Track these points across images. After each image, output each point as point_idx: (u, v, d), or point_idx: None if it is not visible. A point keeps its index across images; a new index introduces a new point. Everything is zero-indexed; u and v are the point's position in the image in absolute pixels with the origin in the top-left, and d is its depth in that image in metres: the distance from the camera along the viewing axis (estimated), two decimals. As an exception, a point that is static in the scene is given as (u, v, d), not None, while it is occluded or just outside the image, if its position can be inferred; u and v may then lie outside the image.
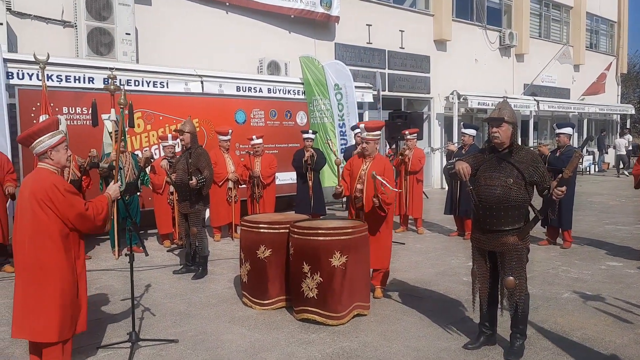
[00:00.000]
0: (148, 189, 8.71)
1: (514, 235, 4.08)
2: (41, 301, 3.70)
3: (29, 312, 3.71)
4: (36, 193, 3.71)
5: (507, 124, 4.13)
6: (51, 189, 3.70)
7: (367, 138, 5.81)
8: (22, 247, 3.75)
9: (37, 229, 3.70)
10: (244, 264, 5.59)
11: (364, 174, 5.71)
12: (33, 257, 3.70)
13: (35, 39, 9.36)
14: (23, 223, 3.75)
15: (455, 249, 8.35)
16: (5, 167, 7.05)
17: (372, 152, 5.80)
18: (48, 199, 3.68)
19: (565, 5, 22.81)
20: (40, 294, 3.70)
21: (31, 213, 3.70)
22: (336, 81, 11.89)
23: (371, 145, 5.78)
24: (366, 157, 5.82)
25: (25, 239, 3.73)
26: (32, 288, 3.71)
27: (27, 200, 3.72)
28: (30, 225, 3.71)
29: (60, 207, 3.70)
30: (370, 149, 5.78)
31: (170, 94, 10.01)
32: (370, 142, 5.79)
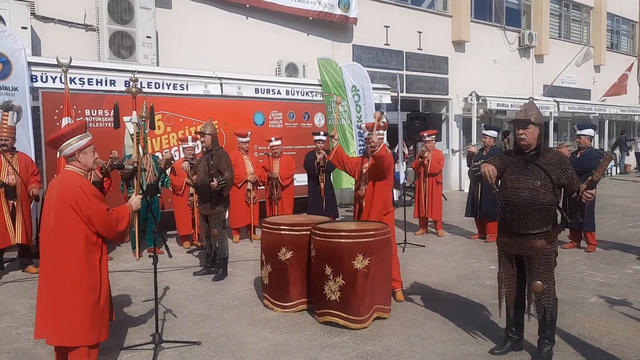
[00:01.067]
0: (168, 190, 8.76)
1: (541, 239, 4.01)
2: (67, 304, 3.71)
3: (54, 315, 3.72)
4: (63, 195, 3.73)
5: (533, 125, 4.06)
6: (77, 191, 3.72)
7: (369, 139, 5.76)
8: (47, 248, 3.78)
9: (62, 231, 3.72)
10: (264, 266, 5.58)
11: (365, 173, 5.65)
12: (57, 259, 3.72)
13: (59, 42, 9.46)
14: (49, 224, 3.78)
15: (477, 251, 8.26)
16: (30, 169, 7.13)
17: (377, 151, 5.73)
18: (74, 201, 3.70)
19: (585, 5, 22.53)
20: (65, 297, 3.71)
21: (57, 215, 3.73)
22: (354, 83, 11.85)
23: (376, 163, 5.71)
24: (368, 157, 5.77)
25: (51, 240, 3.76)
26: (56, 291, 3.72)
27: (54, 202, 3.75)
28: (56, 227, 3.73)
29: (85, 210, 3.72)
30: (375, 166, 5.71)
31: (190, 96, 10.05)
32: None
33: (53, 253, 3.74)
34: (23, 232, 6.93)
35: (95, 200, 3.78)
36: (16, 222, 6.89)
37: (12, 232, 6.87)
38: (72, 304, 3.71)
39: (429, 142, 9.64)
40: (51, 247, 3.76)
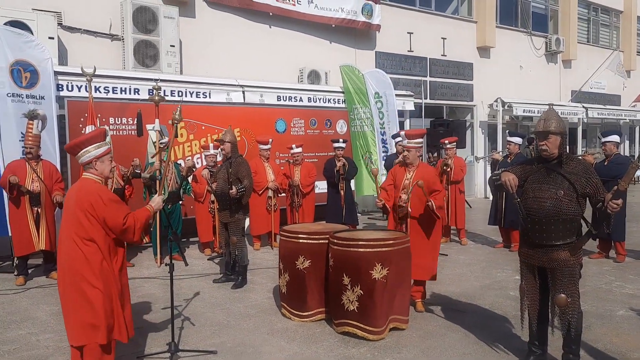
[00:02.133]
0: (190, 197, 8.81)
1: (565, 250, 3.88)
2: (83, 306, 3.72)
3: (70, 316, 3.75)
4: (80, 201, 3.76)
5: (554, 135, 3.95)
6: (94, 197, 3.75)
7: (408, 146, 5.71)
8: (65, 253, 3.80)
9: (81, 236, 3.74)
10: (283, 275, 5.54)
11: (408, 183, 5.60)
12: (76, 264, 3.74)
13: (85, 52, 9.62)
14: (67, 230, 3.81)
15: (501, 261, 8.10)
16: (54, 176, 7.23)
17: (413, 161, 5.69)
18: (91, 206, 3.72)
19: (614, 9, 22.08)
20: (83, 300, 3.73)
21: (75, 221, 3.76)
22: (376, 89, 11.80)
23: (412, 153, 5.68)
24: (408, 166, 5.72)
25: (69, 245, 3.78)
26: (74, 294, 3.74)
27: (72, 209, 3.78)
28: (74, 232, 3.76)
29: (102, 215, 3.74)
30: (411, 157, 5.67)
31: (212, 104, 10.12)
32: (412, 150, 5.69)
33: (71, 257, 3.76)
34: (47, 239, 7.03)
35: (112, 205, 3.80)
36: (40, 228, 7.00)
37: (37, 238, 6.97)
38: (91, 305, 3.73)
39: (450, 150, 9.52)
40: (70, 255, 3.78)
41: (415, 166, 5.68)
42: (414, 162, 5.69)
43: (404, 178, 5.68)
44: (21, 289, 6.72)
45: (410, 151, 5.68)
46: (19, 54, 7.81)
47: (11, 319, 5.57)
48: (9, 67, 7.72)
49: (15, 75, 7.71)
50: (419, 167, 5.68)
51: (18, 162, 7.17)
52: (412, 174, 5.63)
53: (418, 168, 5.67)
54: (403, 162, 5.82)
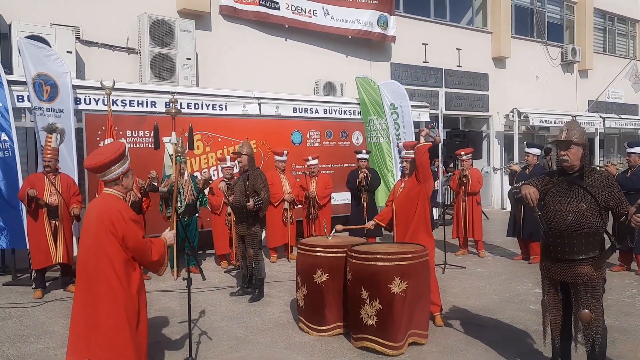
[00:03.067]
0: (206, 209, 8.82)
1: (588, 265, 3.80)
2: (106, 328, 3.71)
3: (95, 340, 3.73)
4: (101, 218, 3.78)
5: (576, 146, 3.88)
6: (116, 215, 3.76)
7: (405, 157, 5.73)
8: (83, 270, 3.81)
9: (100, 252, 3.75)
10: (300, 288, 5.51)
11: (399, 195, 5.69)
12: (94, 281, 3.75)
13: (102, 65, 9.73)
14: (87, 245, 3.82)
15: (520, 273, 7.99)
16: (72, 190, 7.28)
17: (411, 171, 5.68)
18: (111, 224, 3.73)
19: (631, 18, 21.91)
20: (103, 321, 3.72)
21: (95, 237, 3.77)
22: (392, 101, 11.78)
23: (410, 163, 5.67)
24: (405, 177, 5.72)
25: (88, 262, 3.79)
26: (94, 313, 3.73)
27: (93, 224, 3.79)
28: (94, 248, 3.76)
29: (122, 233, 3.75)
30: (410, 167, 5.66)
31: (228, 116, 10.15)
32: (410, 160, 5.69)
33: (89, 275, 3.77)
34: (64, 252, 7.06)
35: (133, 225, 3.81)
36: (58, 241, 7.04)
37: (54, 251, 7.01)
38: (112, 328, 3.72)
39: (466, 161, 9.45)
40: (88, 269, 3.79)
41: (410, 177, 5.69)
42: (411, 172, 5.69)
43: (399, 187, 5.75)
44: (39, 302, 6.74)
45: (409, 162, 5.69)
46: (40, 67, 7.92)
47: (29, 332, 5.59)
48: (32, 80, 7.82)
49: (37, 88, 7.80)
50: (410, 180, 5.67)
51: (36, 175, 7.26)
52: (404, 183, 5.70)
53: (409, 180, 5.66)
54: (402, 173, 5.84)
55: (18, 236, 7.51)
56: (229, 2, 11.40)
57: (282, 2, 12.08)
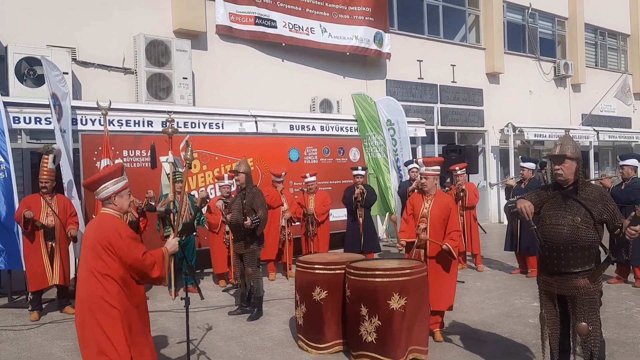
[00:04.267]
0: (204, 228, 8.80)
1: (584, 278, 3.83)
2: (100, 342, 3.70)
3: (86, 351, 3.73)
4: (99, 237, 3.78)
5: (570, 160, 3.93)
6: (113, 234, 3.76)
7: (425, 173, 5.71)
8: (84, 287, 3.80)
9: (99, 271, 3.74)
10: (299, 306, 5.50)
11: (427, 212, 5.60)
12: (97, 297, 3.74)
13: (98, 86, 9.77)
14: (86, 265, 3.82)
15: (518, 287, 7.99)
16: (69, 211, 7.28)
17: (431, 189, 5.69)
18: (109, 243, 3.74)
19: (621, 33, 22.16)
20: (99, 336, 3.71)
21: (94, 256, 3.77)
22: (388, 117, 11.86)
23: (430, 180, 5.68)
24: (426, 194, 5.71)
25: (87, 280, 3.78)
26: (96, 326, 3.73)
27: (91, 244, 3.80)
28: (93, 267, 3.76)
29: (120, 251, 3.74)
30: (429, 184, 5.67)
31: (225, 134, 10.20)
32: (429, 177, 5.69)
33: (88, 296, 3.76)
34: (61, 273, 7.02)
35: (130, 242, 3.81)
36: (54, 263, 7.00)
37: (50, 273, 6.97)
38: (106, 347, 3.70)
39: (461, 176, 9.51)
40: (87, 289, 3.78)
41: (432, 195, 5.67)
42: (432, 191, 5.68)
43: (422, 207, 5.67)
44: (35, 324, 6.70)
45: (428, 179, 5.68)
46: (52, 86, 7.96)
47: (25, 355, 5.56)
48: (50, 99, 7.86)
49: (52, 108, 7.85)
50: (437, 196, 5.68)
51: (33, 196, 7.25)
52: (430, 203, 5.62)
53: (436, 197, 5.66)
54: (421, 190, 5.81)
55: (14, 258, 7.47)
56: (225, 22, 11.50)
57: (279, 20, 12.19)
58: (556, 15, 19.39)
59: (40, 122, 8.29)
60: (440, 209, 5.56)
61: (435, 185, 5.72)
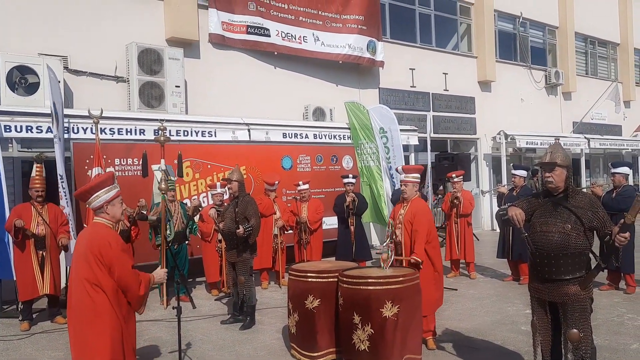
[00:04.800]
0: (196, 237, 8.78)
1: (575, 285, 3.85)
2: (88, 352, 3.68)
3: None
4: (91, 246, 3.77)
5: (560, 167, 3.96)
6: (104, 243, 3.74)
7: (405, 181, 5.78)
8: (75, 296, 3.77)
9: (90, 281, 3.72)
10: (292, 315, 5.48)
11: (402, 218, 5.65)
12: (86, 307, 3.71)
13: (90, 94, 9.75)
14: (78, 274, 3.79)
15: (511, 295, 8.01)
16: (60, 219, 7.24)
17: (410, 195, 5.72)
18: (100, 253, 3.72)
19: (611, 42, 22.39)
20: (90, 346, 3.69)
21: (85, 265, 3.75)
22: (381, 125, 11.90)
23: (410, 187, 5.74)
24: (405, 201, 5.75)
25: (80, 289, 3.76)
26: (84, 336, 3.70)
27: (83, 253, 3.78)
28: (84, 276, 3.74)
29: (110, 262, 3.72)
30: (409, 191, 5.73)
31: (218, 143, 10.18)
32: (409, 184, 5.75)
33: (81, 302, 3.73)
34: (51, 283, 6.97)
35: (121, 254, 3.78)
36: (45, 272, 6.95)
37: (41, 282, 6.92)
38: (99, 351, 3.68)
39: (457, 183, 9.54)
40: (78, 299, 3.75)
41: (409, 202, 5.72)
42: (410, 197, 5.73)
43: (398, 213, 5.72)
44: (26, 334, 6.64)
45: (408, 185, 5.75)
46: (54, 95, 7.95)
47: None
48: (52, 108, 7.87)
49: (54, 117, 7.83)
50: (412, 202, 5.71)
51: (23, 205, 7.21)
52: (405, 210, 5.67)
53: (411, 203, 5.70)
54: (401, 198, 5.87)
55: (5, 267, 7.40)
56: (218, 31, 11.53)
57: (272, 29, 12.23)
58: (547, 24, 19.56)
59: (32, 131, 8.26)
60: (411, 214, 5.63)
61: (415, 192, 5.76)
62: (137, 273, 3.87)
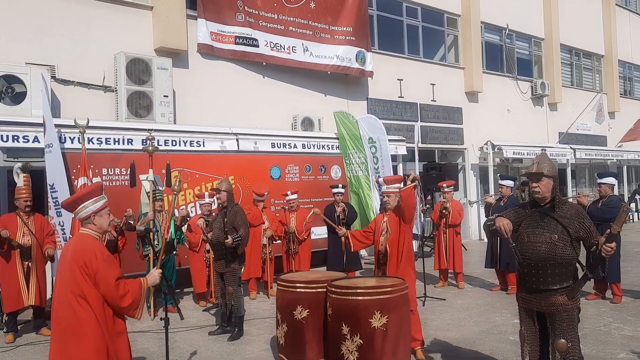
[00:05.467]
0: (184, 247, 8.73)
1: (562, 295, 3.88)
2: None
3: None
4: (76, 257, 3.71)
5: (547, 178, 4.00)
6: (89, 254, 3.70)
7: (387, 192, 5.83)
8: (60, 309, 3.73)
9: (75, 292, 3.67)
10: (280, 325, 5.46)
11: (385, 225, 5.69)
12: (70, 321, 3.67)
13: (78, 103, 9.70)
14: (63, 286, 3.74)
15: (499, 304, 8.04)
16: (45, 230, 7.17)
17: (393, 205, 5.77)
18: (85, 264, 3.67)
19: (596, 54, 22.73)
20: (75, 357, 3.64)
21: (70, 276, 3.70)
22: (370, 134, 11.93)
23: (392, 198, 5.80)
24: (387, 211, 5.79)
25: (64, 301, 3.71)
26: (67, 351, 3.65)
27: (68, 264, 3.73)
28: (68, 288, 3.69)
29: (94, 273, 3.66)
30: (391, 202, 5.78)
31: (206, 153, 10.15)
32: (391, 195, 5.80)
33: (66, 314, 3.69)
34: (37, 294, 6.90)
35: (106, 265, 3.72)
36: (30, 283, 6.87)
37: (26, 293, 6.84)
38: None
39: (448, 193, 9.59)
40: (63, 311, 3.71)
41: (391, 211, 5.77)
42: (394, 207, 5.77)
43: (382, 222, 5.77)
44: (10, 346, 6.55)
45: (390, 196, 5.80)
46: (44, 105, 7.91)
47: (1, 377, 5.43)
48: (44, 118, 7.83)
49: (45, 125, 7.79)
50: (393, 210, 5.76)
51: (9, 215, 7.14)
52: (387, 217, 5.73)
53: (392, 211, 5.75)
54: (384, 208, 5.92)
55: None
56: (207, 41, 11.54)
57: (261, 39, 12.27)
58: (532, 36, 19.82)
59: (18, 141, 8.19)
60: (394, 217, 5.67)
61: (397, 202, 5.80)
62: (122, 283, 3.76)
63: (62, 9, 9.89)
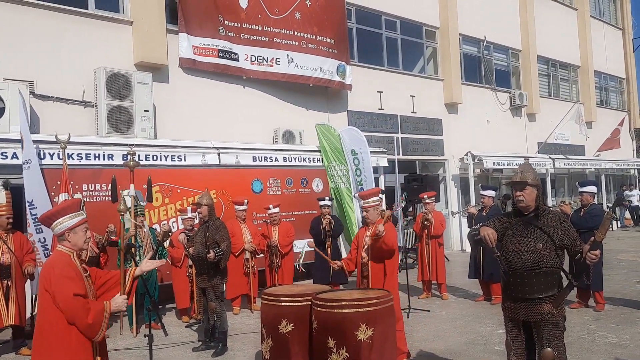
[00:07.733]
0: (167, 262, 8.62)
1: (548, 303, 3.90)
2: None
3: None
4: (42, 274, 3.69)
5: (531, 186, 4.04)
6: (47, 270, 3.63)
7: (365, 206, 5.84)
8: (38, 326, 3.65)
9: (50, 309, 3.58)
10: (265, 340, 5.39)
11: (367, 240, 5.71)
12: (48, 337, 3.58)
13: (57, 119, 9.57)
14: (41, 302, 3.67)
15: (483, 315, 8.06)
16: (25, 247, 7.04)
17: (373, 219, 5.78)
18: (44, 278, 3.61)
19: (572, 64, 23.15)
20: None
21: (41, 294, 3.64)
22: (352, 147, 11.97)
23: (371, 212, 5.83)
24: (369, 225, 5.80)
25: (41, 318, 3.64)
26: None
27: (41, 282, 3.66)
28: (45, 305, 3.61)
29: (50, 289, 3.56)
30: (371, 216, 5.80)
31: (187, 167, 10.08)
32: (370, 209, 5.82)
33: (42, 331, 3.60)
34: (16, 313, 6.74)
35: (62, 280, 3.55)
36: (9, 302, 6.71)
37: (5, 313, 6.67)
38: None
39: (429, 204, 9.63)
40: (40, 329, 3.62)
41: (374, 224, 5.77)
42: (374, 221, 5.78)
43: (364, 236, 5.77)
44: (-11, 367, 6.41)
45: (369, 211, 5.83)
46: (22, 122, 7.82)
47: (-21, 400, 5.28)
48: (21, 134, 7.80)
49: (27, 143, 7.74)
50: (376, 223, 5.77)
51: (-13, 234, 6.98)
52: (370, 232, 5.75)
53: (374, 224, 5.76)
54: (365, 223, 5.93)
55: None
56: (189, 55, 11.51)
57: (241, 53, 12.26)
58: (510, 48, 20.12)
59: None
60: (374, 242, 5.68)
61: (376, 215, 5.81)
62: (83, 300, 3.59)
63: (40, 24, 9.79)
